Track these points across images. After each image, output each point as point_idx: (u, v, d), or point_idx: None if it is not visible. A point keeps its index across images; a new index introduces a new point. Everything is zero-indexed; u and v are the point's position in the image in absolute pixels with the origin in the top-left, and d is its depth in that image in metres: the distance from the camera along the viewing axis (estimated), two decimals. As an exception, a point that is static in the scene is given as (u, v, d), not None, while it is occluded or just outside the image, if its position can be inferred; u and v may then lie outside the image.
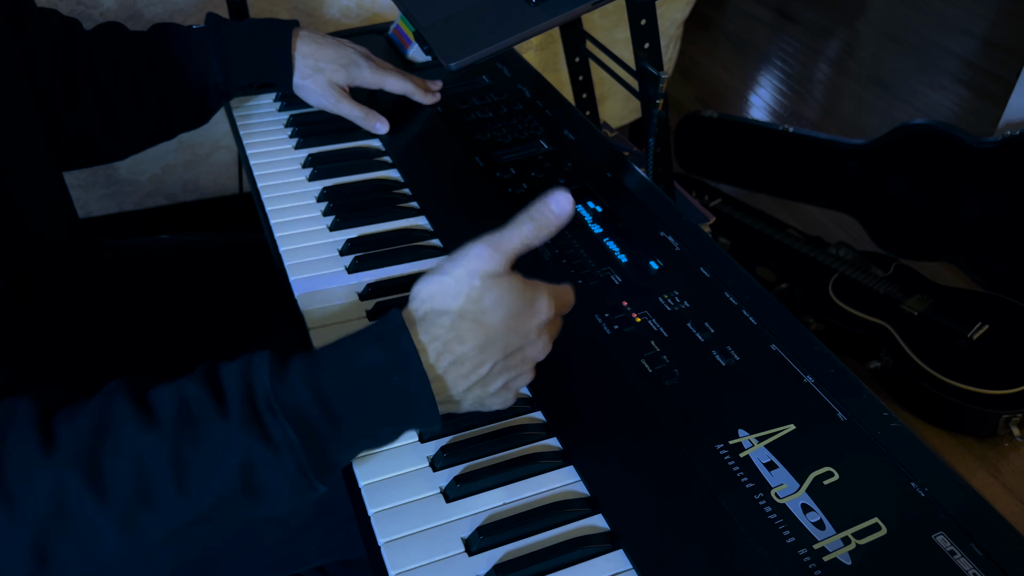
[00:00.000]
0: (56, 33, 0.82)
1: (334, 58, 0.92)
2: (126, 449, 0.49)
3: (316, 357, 0.53)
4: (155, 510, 0.49)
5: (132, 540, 0.50)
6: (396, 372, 0.52)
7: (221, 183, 1.62)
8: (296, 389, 0.51)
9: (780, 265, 1.66)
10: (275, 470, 0.51)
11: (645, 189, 0.84)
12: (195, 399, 0.51)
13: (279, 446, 0.50)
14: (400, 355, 0.53)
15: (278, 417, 0.50)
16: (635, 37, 0.84)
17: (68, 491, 0.48)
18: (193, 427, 0.50)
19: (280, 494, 0.52)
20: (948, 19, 2.77)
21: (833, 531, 0.53)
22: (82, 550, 0.49)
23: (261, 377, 0.51)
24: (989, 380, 1.38)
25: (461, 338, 0.53)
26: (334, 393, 0.52)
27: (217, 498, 0.50)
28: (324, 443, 0.52)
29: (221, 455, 0.50)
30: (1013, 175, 1.53)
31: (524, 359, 0.56)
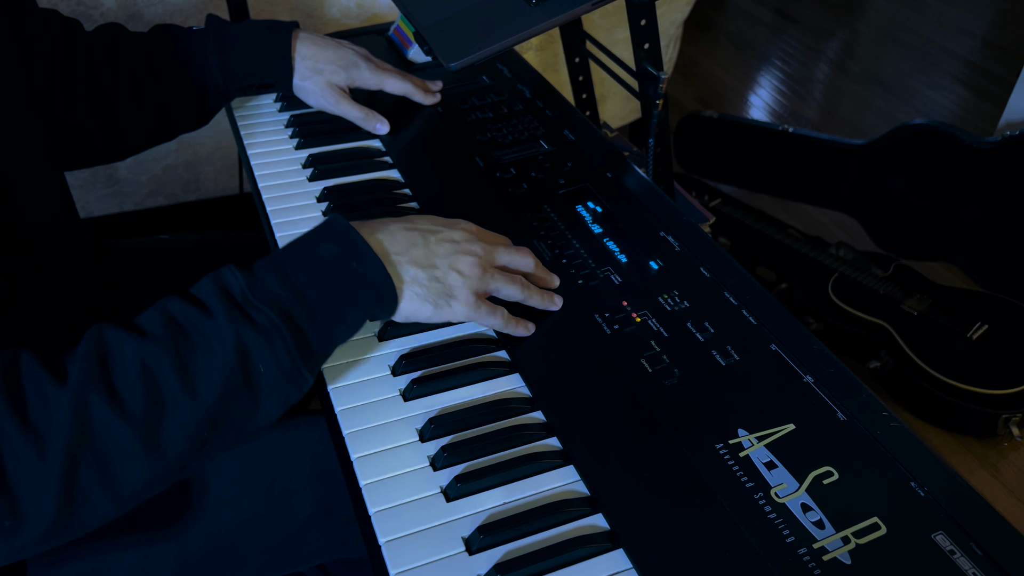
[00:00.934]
0: (56, 33, 0.82)
1: (333, 59, 0.92)
2: (131, 364, 0.53)
3: (277, 256, 0.61)
4: (170, 415, 0.53)
5: (154, 456, 0.53)
6: (352, 258, 0.61)
7: (222, 183, 1.62)
8: (268, 283, 0.58)
9: (780, 265, 1.66)
10: (267, 354, 0.56)
11: (645, 189, 0.84)
12: (179, 311, 0.56)
13: (267, 330, 0.56)
14: (351, 244, 0.61)
15: (259, 307, 0.56)
16: (635, 37, 0.85)
17: (91, 411, 0.51)
18: (185, 333, 0.55)
19: (272, 382, 0.57)
20: (948, 19, 2.77)
21: (833, 530, 0.53)
22: (107, 479, 0.51)
23: (234, 280, 0.58)
24: (989, 380, 1.38)
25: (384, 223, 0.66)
26: (303, 283, 0.59)
27: (222, 392, 0.54)
28: (304, 329, 0.58)
29: (217, 348, 0.55)
30: (1013, 175, 1.53)
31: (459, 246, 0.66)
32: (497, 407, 0.63)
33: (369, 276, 0.61)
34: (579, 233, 0.79)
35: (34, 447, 0.49)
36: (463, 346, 0.69)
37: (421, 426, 0.63)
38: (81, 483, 0.50)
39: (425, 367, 0.67)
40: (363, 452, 0.61)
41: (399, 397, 0.65)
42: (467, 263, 0.66)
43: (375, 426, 0.63)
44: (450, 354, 0.68)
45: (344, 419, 0.63)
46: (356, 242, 0.62)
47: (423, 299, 0.64)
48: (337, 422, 0.63)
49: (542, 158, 0.90)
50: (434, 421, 0.62)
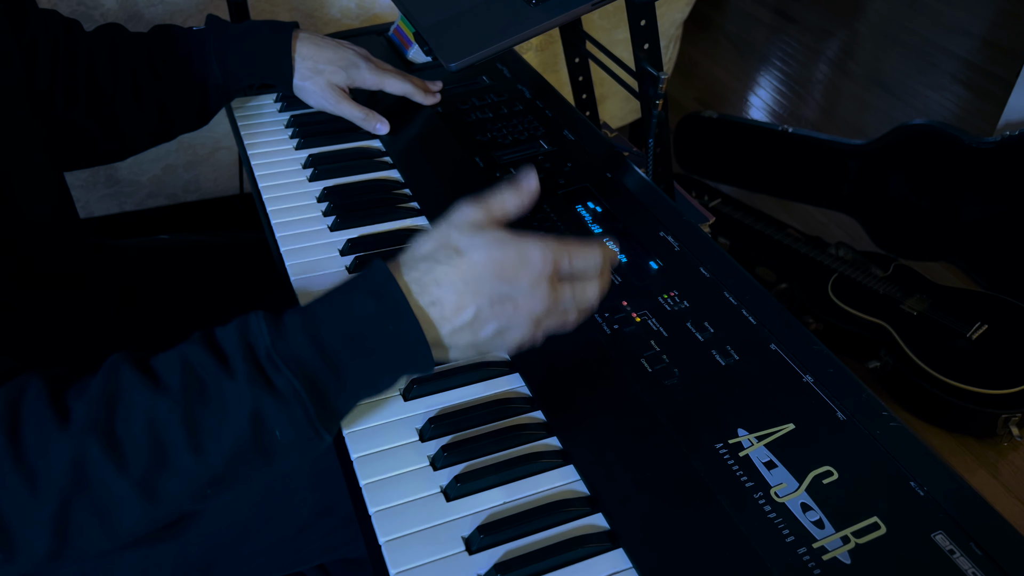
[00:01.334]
0: (57, 34, 0.82)
1: (333, 59, 0.92)
2: (139, 414, 0.50)
3: (310, 311, 0.55)
4: (172, 471, 0.51)
5: (152, 506, 0.51)
6: (390, 320, 0.54)
7: (222, 183, 1.62)
8: (295, 343, 0.53)
9: (780, 265, 1.66)
10: (284, 421, 0.52)
11: (645, 189, 0.84)
12: (199, 362, 0.52)
13: (286, 397, 0.52)
14: (392, 303, 0.54)
15: (281, 370, 0.52)
16: (635, 38, 0.85)
17: (88, 459, 0.49)
18: (200, 388, 0.52)
19: (289, 447, 0.53)
20: (948, 19, 2.77)
21: (832, 530, 0.53)
22: (103, 522, 0.50)
23: (260, 334, 0.53)
24: (988, 380, 1.38)
25: (438, 281, 0.55)
26: (333, 344, 0.53)
27: (231, 454, 0.52)
28: (327, 393, 0.53)
29: (231, 411, 0.51)
30: (1012, 175, 1.53)
31: (517, 310, 0.56)
32: (497, 407, 0.63)
33: (406, 342, 0.54)
34: (579, 233, 0.79)
35: (27, 485, 0.48)
36: (463, 346, 0.68)
37: (421, 426, 0.63)
38: (75, 522, 0.50)
39: (425, 367, 0.67)
40: (363, 452, 0.61)
41: (399, 397, 0.65)
42: (519, 333, 0.57)
43: (375, 426, 0.63)
44: (450, 354, 0.68)
45: (344, 419, 0.63)
46: (397, 302, 0.54)
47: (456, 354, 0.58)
48: (337, 422, 0.63)
49: (542, 158, 0.90)
50: (434, 421, 0.62)
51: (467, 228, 0.56)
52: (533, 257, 0.55)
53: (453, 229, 0.56)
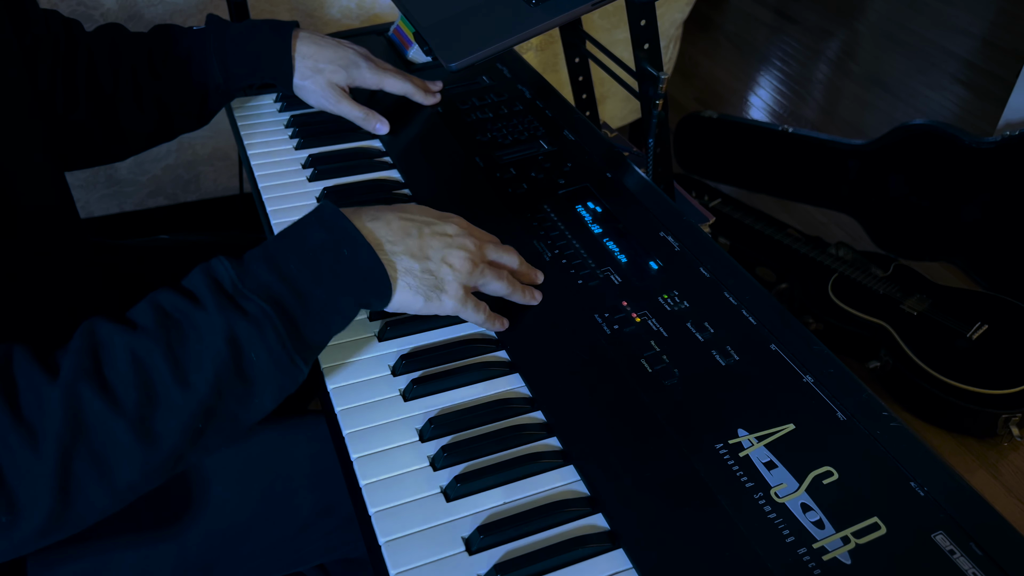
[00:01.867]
0: (57, 34, 0.82)
1: (334, 59, 0.92)
2: (123, 357, 0.53)
3: (267, 246, 0.60)
4: (163, 407, 0.53)
5: (149, 448, 0.53)
6: (343, 245, 0.61)
7: (222, 183, 1.62)
8: (258, 273, 0.58)
9: (780, 265, 1.66)
10: (258, 344, 0.56)
11: (645, 189, 0.84)
12: (169, 303, 0.56)
13: (257, 319, 0.56)
14: (341, 230, 0.61)
15: (249, 296, 0.56)
16: (635, 38, 0.85)
17: (82, 405, 0.51)
18: (175, 325, 0.55)
19: (266, 372, 0.57)
20: (948, 19, 2.77)
21: (833, 530, 0.53)
22: (102, 472, 0.51)
23: (224, 270, 0.58)
24: (989, 380, 1.38)
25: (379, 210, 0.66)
26: (293, 271, 0.59)
27: (215, 381, 0.54)
28: (295, 318, 0.58)
29: (207, 339, 0.55)
30: (1012, 175, 1.53)
31: (451, 240, 0.66)
32: (497, 407, 0.63)
33: (361, 264, 0.61)
34: (579, 233, 0.79)
35: (28, 442, 0.49)
36: (463, 346, 0.69)
37: (421, 426, 0.63)
38: (76, 477, 0.51)
39: (425, 367, 0.67)
40: (363, 452, 0.61)
41: (399, 397, 0.65)
42: (459, 257, 0.66)
43: (375, 426, 0.63)
44: (450, 354, 0.68)
45: (344, 419, 0.63)
46: (347, 229, 0.61)
47: (415, 291, 0.64)
48: (337, 422, 0.63)
49: (542, 158, 0.90)
50: (434, 421, 0.62)
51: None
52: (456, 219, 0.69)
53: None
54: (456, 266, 0.66)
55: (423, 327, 0.71)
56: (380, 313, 0.71)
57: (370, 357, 0.68)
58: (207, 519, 0.72)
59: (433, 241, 0.66)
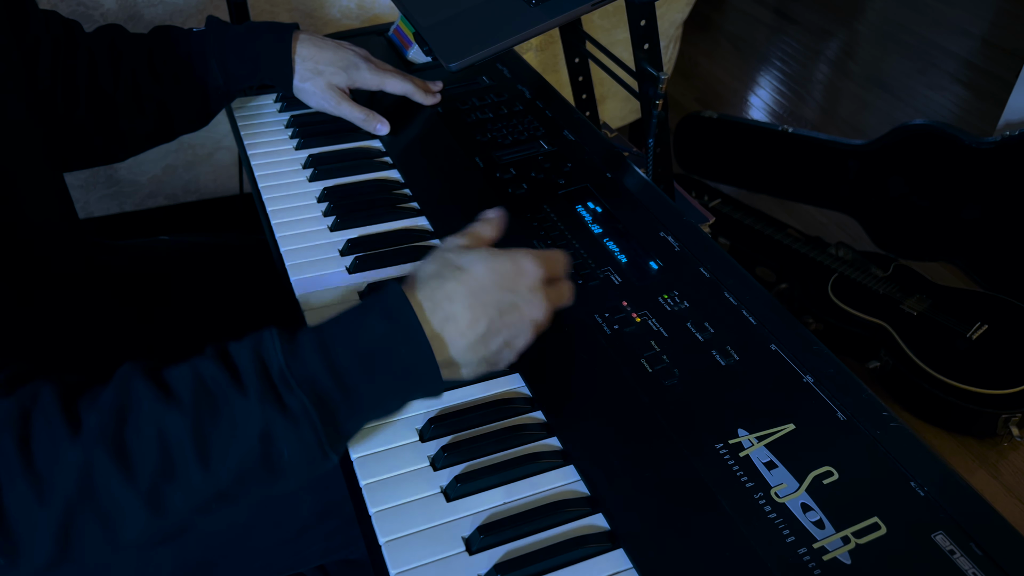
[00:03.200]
0: (57, 35, 0.82)
1: (334, 60, 0.92)
2: (149, 426, 0.51)
3: (323, 331, 0.55)
4: (179, 485, 0.51)
5: (157, 517, 0.51)
6: (403, 343, 0.55)
7: (222, 183, 1.62)
8: (308, 362, 0.54)
9: (780, 265, 1.66)
10: (293, 441, 0.53)
11: (645, 189, 0.84)
12: (211, 376, 0.53)
13: (297, 417, 0.52)
14: (405, 325, 0.55)
15: (294, 390, 0.52)
16: (635, 38, 0.85)
17: (96, 469, 0.49)
18: (212, 403, 0.52)
19: (296, 466, 0.54)
20: (947, 19, 2.77)
21: (833, 530, 0.53)
22: (106, 531, 0.51)
23: (274, 352, 0.54)
24: (988, 380, 1.38)
25: (449, 296, 0.57)
26: (345, 365, 0.54)
27: (238, 471, 0.52)
28: (337, 414, 0.54)
29: (240, 428, 0.52)
30: (1012, 175, 1.53)
31: (521, 317, 0.59)
32: (497, 407, 0.63)
33: (419, 369, 0.56)
34: (579, 233, 0.79)
35: (35, 493, 0.49)
36: (463, 346, 0.68)
37: (421, 426, 0.63)
38: (79, 531, 0.50)
39: (425, 367, 0.67)
40: (363, 452, 0.61)
41: (399, 397, 0.65)
42: (524, 340, 0.60)
43: (375, 426, 0.63)
44: (450, 354, 0.68)
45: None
46: (410, 324, 0.56)
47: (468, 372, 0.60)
48: (337, 422, 0.63)
49: (542, 158, 0.90)
50: (434, 421, 0.62)
51: (460, 250, 0.60)
52: (526, 263, 0.59)
53: (449, 253, 0.60)
54: (517, 347, 0.60)
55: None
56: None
57: (370, 357, 0.68)
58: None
59: (504, 331, 0.59)
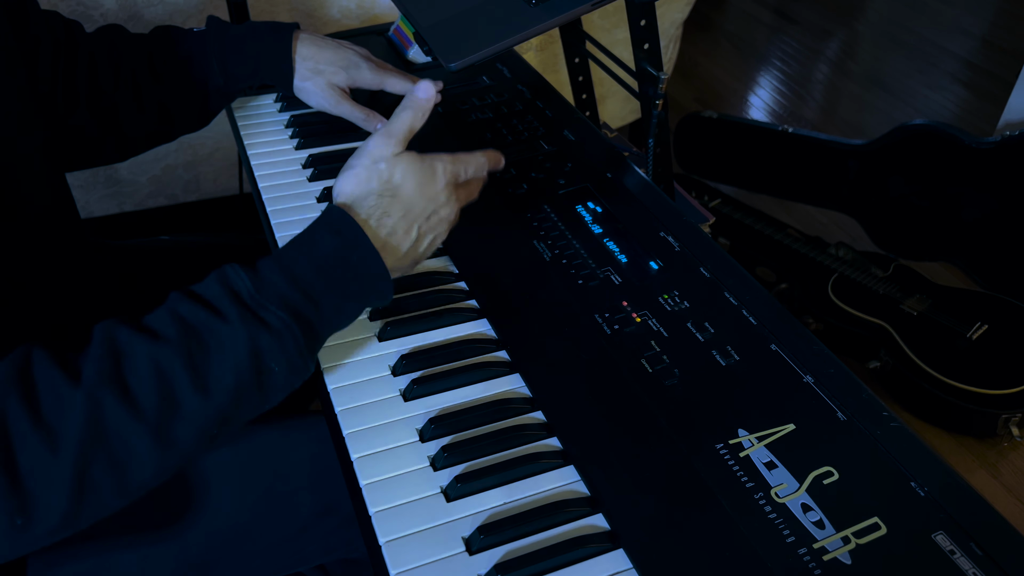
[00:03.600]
0: (58, 35, 0.82)
1: (334, 60, 0.92)
2: (144, 365, 0.53)
3: (281, 254, 0.61)
4: (183, 415, 0.54)
5: (165, 451, 0.53)
6: (352, 251, 0.62)
7: (222, 183, 1.62)
8: (275, 283, 0.59)
9: (780, 265, 1.66)
10: (278, 354, 0.57)
11: (645, 189, 0.84)
12: (189, 312, 0.57)
13: (279, 331, 0.57)
14: (351, 236, 0.62)
15: (270, 308, 0.57)
16: (635, 38, 0.85)
17: (104, 411, 0.51)
18: (197, 335, 0.56)
19: (281, 378, 0.58)
20: (947, 19, 2.77)
21: (833, 530, 0.53)
22: (118, 476, 0.52)
23: (240, 280, 0.58)
24: (988, 380, 1.38)
25: (387, 212, 0.65)
26: (307, 278, 0.60)
27: (235, 392, 0.56)
28: (312, 324, 0.59)
29: (230, 351, 0.56)
30: (1012, 175, 1.53)
31: (440, 219, 0.68)
32: (497, 407, 0.63)
33: (370, 271, 0.63)
34: (579, 233, 0.79)
35: (47, 445, 0.49)
36: (463, 346, 0.69)
37: (421, 426, 0.63)
38: (93, 480, 0.51)
39: (425, 367, 0.67)
40: (363, 452, 0.61)
41: (399, 397, 0.65)
42: (442, 237, 0.70)
43: (375, 426, 0.63)
44: (450, 354, 0.68)
45: (344, 419, 0.63)
46: (356, 234, 0.63)
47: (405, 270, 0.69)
48: (337, 422, 0.63)
49: (542, 158, 0.90)
50: (434, 421, 0.62)
51: (391, 160, 0.66)
52: (441, 171, 0.68)
53: (380, 163, 0.66)
54: (438, 243, 0.70)
55: (423, 327, 0.71)
56: (380, 312, 0.71)
57: (370, 357, 0.68)
58: (207, 519, 0.72)
59: (429, 233, 0.68)
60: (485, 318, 0.72)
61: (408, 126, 0.67)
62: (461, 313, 0.72)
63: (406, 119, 0.67)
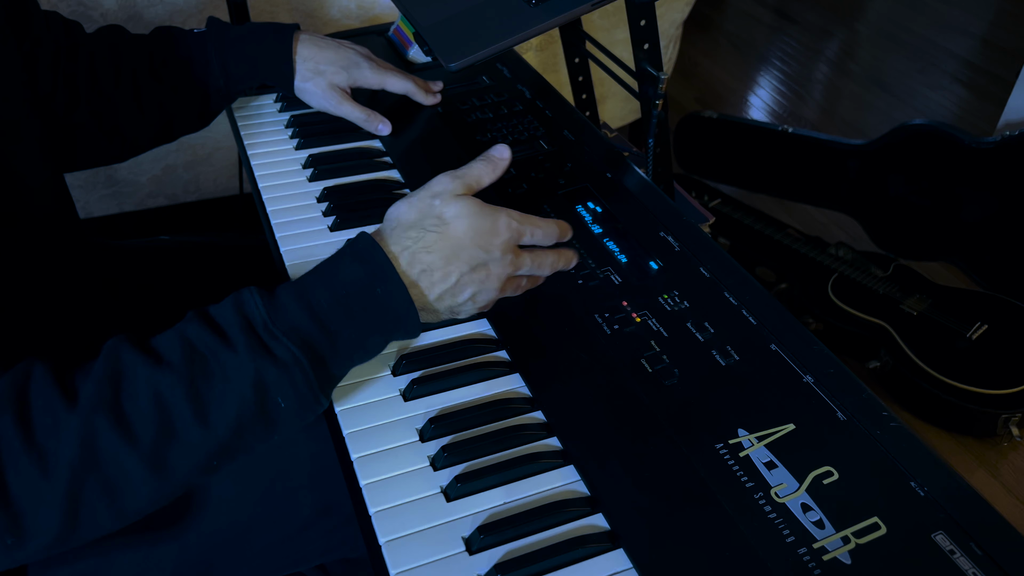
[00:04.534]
0: (58, 36, 0.82)
1: (334, 60, 0.92)
2: (144, 390, 0.52)
3: (301, 282, 0.59)
4: (180, 444, 0.52)
5: (161, 481, 0.52)
6: (377, 283, 0.58)
7: (222, 183, 1.62)
8: (290, 312, 0.56)
9: (780, 265, 1.66)
10: (286, 388, 0.55)
11: (645, 189, 0.84)
12: (198, 337, 0.55)
13: (287, 364, 0.55)
14: (377, 267, 0.59)
15: (280, 339, 0.55)
16: (635, 38, 0.85)
17: (97, 436, 0.50)
18: (202, 362, 0.54)
19: (291, 412, 0.56)
20: (947, 19, 2.77)
21: (833, 530, 0.53)
22: (112, 501, 0.51)
23: (255, 307, 0.56)
24: (988, 380, 1.38)
25: (428, 248, 0.60)
26: (325, 310, 0.57)
27: (236, 424, 0.54)
28: (324, 357, 0.57)
29: (234, 382, 0.54)
30: (1012, 175, 1.53)
31: (489, 275, 0.62)
32: (497, 407, 0.63)
33: (394, 305, 0.59)
34: (579, 233, 0.79)
35: (39, 467, 0.49)
36: (463, 346, 0.69)
37: (421, 426, 0.63)
38: (85, 503, 0.50)
39: (425, 367, 0.67)
40: (363, 452, 0.61)
41: (399, 397, 0.65)
42: (488, 296, 0.64)
43: (375, 426, 0.63)
44: (450, 354, 0.68)
45: (344, 419, 0.63)
46: (382, 266, 0.59)
47: (439, 317, 0.64)
48: (337, 422, 0.63)
49: (542, 158, 0.90)
50: (434, 421, 0.62)
51: (448, 197, 0.62)
52: (504, 226, 0.62)
53: (436, 199, 0.62)
54: (480, 302, 0.64)
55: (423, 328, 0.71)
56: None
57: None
58: (207, 519, 0.72)
59: (471, 286, 0.62)
60: (485, 318, 0.72)
61: (478, 175, 0.64)
62: (461, 313, 0.72)
63: (478, 169, 0.64)
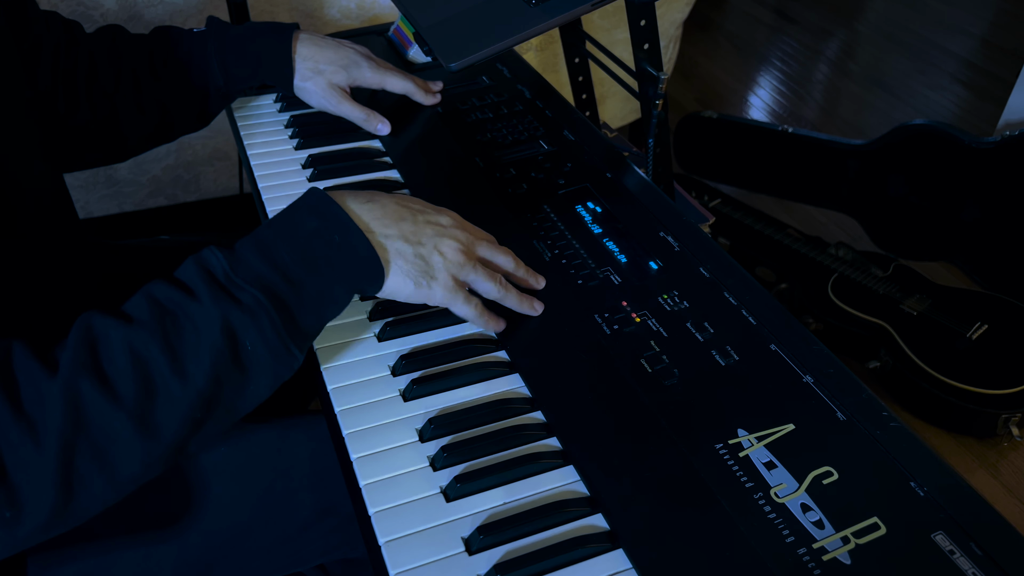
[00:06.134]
0: (58, 35, 0.82)
1: (334, 59, 0.92)
2: (120, 350, 0.53)
3: (259, 234, 0.60)
4: (162, 398, 0.53)
5: (149, 439, 0.53)
6: (334, 231, 0.61)
7: (222, 183, 1.62)
8: (251, 264, 0.58)
9: (780, 265, 1.66)
10: (254, 333, 0.56)
11: (645, 189, 0.84)
12: (163, 295, 0.57)
13: (252, 309, 0.56)
14: (332, 216, 0.61)
15: (244, 287, 0.57)
16: (635, 38, 0.85)
17: (82, 399, 0.51)
18: (171, 317, 0.55)
19: (263, 360, 0.57)
20: (947, 19, 2.77)
21: (832, 530, 0.53)
22: (104, 467, 0.52)
23: (216, 261, 0.58)
24: (988, 380, 1.38)
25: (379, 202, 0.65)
26: (286, 259, 0.59)
27: (212, 372, 0.55)
28: (290, 306, 0.58)
29: (203, 330, 0.55)
30: (1012, 175, 1.53)
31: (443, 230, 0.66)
32: (497, 407, 0.63)
33: (354, 250, 0.61)
34: (579, 233, 0.79)
35: (29, 437, 0.50)
36: (463, 346, 0.69)
37: (421, 426, 0.63)
38: (79, 470, 0.51)
39: (425, 367, 0.67)
40: (363, 452, 0.61)
41: (399, 397, 0.65)
42: (451, 247, 0.66)
43: (375, 426, 0.63)
44: (450, 354, 0.68)
45: (344, 419, 0.63)
46: (337, 215, 0.62)
47: (405, 275, 0.64)
48: (337, 422, 0.63)
49: (542, 158, 0.90)
50: (434, 421, 0.62)
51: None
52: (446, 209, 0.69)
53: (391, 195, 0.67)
54: (448, 256, 0.66)
55: (423, 327, 0.71)
56: (380, 313, 0.71)
57: (370, 357, 0.68)
58: (207, 519, 0.72)
59: (427, 228, 0.66)
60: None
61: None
62: (461, 313, 0.72)
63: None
